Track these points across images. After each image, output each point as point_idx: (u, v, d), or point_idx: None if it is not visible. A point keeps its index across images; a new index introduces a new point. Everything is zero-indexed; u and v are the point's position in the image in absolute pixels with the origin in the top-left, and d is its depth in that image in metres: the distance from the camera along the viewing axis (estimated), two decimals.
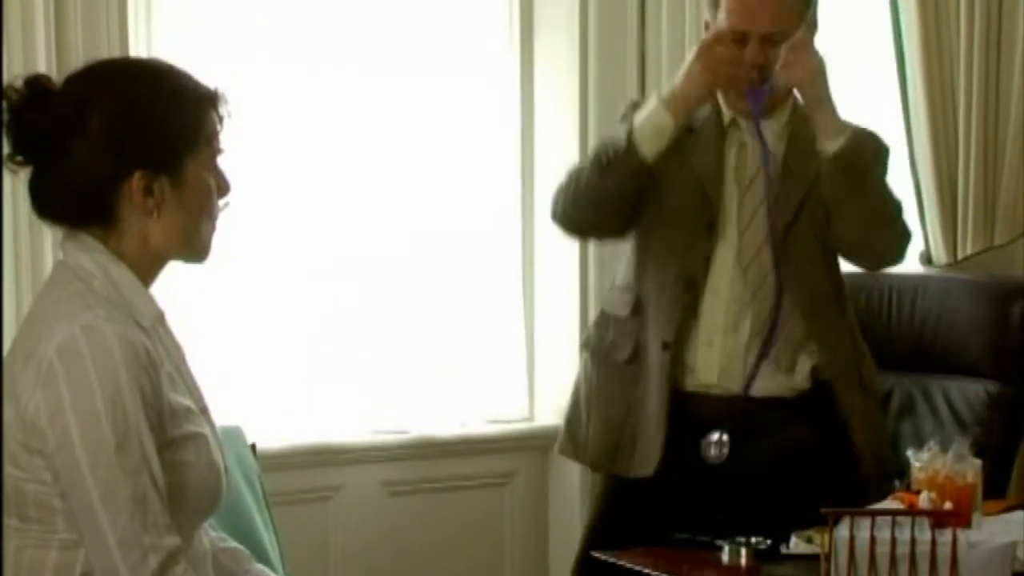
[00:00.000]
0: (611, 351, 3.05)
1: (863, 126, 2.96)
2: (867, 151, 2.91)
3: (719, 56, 2.83)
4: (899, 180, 3.68)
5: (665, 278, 2.96)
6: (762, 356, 2.92)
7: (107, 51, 3.24)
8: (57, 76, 2.15)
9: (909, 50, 3.60)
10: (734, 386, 2.93)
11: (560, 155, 3.90)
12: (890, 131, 3.69)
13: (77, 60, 2.98)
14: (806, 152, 2.90)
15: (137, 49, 3.42)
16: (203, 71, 3.40)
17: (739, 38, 2.82)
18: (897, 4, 3.60)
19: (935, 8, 3.58)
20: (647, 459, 2.93)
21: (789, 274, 2.92)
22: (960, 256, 3.68)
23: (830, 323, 2.99)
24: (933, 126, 3.61)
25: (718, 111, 2.96)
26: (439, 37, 3.83)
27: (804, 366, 2.96)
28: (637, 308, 3.01)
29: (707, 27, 2.92)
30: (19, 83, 1.95)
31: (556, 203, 3.02)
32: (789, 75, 2.83)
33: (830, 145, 2.83)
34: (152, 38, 3.51)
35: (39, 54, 3.18)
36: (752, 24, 2.82)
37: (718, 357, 2.94)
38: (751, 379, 2.92)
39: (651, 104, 2.90)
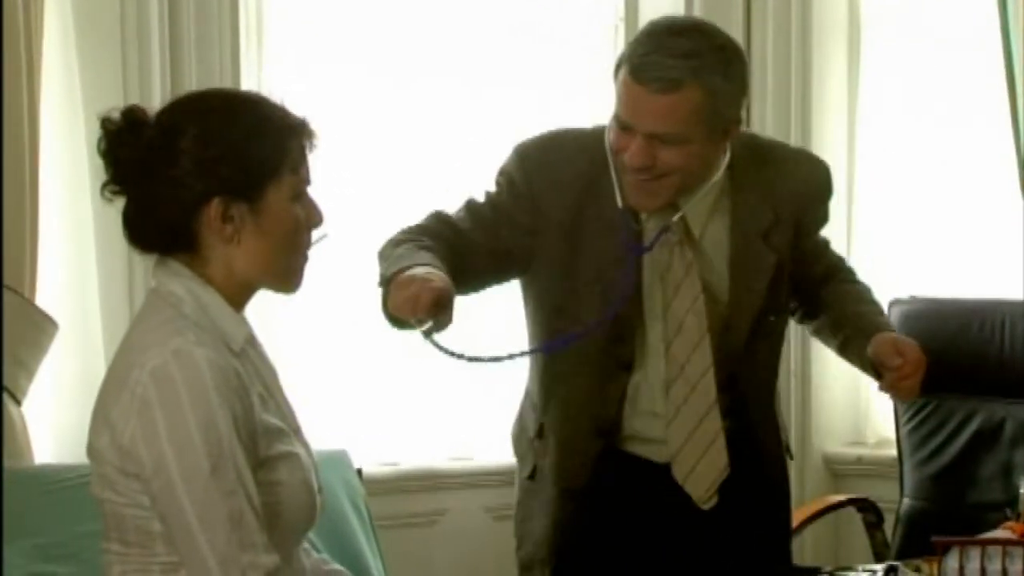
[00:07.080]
0: (520, 459, 2.73)
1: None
2: None
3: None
4: (1010, 204, 3.64)
5: (578, 426, 2.58)
6: None
7: (219, 82, 3.32)
8: None
9: (1020, 72, 3.56)
10: None
11: None
12: (1001, 156, 3.65)
13: None
14: (757, 258, 2.52)
15: (248, 79, 3.49)
16: (314, 91, 3.53)
17: (625, 128, 2.38)
18: (1009, 32, 3.57)
19: None
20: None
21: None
22: None
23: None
24: None
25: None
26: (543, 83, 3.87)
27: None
28: (541, 432, 2.66)
29: None
30: (115, 115, 1.99)
31: None
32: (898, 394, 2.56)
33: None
34: (263, 66, 3.58)
35: (155, 87, 3.26)
36: (636, 120, 2.36)
37: None
38: None
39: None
